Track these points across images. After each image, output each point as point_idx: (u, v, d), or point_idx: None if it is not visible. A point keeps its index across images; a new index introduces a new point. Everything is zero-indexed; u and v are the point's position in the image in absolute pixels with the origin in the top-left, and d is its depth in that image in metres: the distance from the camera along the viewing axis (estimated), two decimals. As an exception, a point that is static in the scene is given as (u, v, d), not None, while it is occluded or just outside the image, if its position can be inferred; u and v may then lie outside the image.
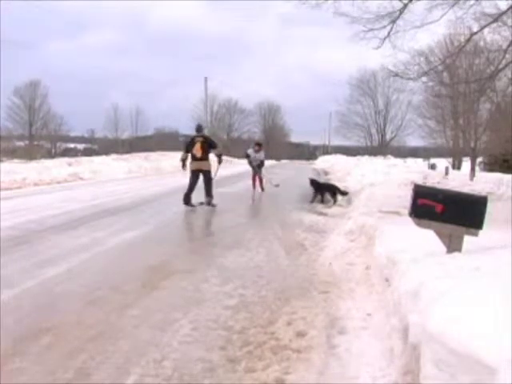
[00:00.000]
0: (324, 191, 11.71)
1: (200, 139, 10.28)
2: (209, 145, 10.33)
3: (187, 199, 9.92)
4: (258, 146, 14.02)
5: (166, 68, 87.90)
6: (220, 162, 10.62)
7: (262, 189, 13.44)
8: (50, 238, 6.51)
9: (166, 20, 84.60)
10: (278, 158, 48.13)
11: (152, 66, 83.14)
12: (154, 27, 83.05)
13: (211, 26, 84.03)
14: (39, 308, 3.97)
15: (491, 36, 11.43)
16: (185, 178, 10.51)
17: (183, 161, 10.47)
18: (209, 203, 10.01)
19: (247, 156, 13.84)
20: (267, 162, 15.73)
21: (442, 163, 30.11)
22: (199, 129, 10.78)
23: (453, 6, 9.19)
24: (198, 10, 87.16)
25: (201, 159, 10.12)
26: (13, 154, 32.13)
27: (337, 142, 58.44)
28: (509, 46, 9.45)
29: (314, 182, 12.21)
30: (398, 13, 9.35)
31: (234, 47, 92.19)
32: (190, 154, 10.26)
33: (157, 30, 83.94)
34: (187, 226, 8.31)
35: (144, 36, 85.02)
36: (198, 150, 10.13)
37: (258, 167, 13.51)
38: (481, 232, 3.79)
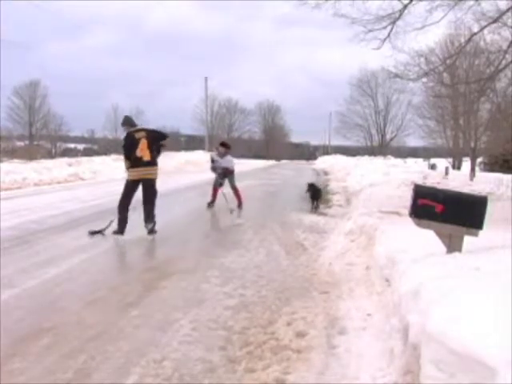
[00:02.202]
0: (317, 197, 10.50)
1: (143, 134, 6.99)
2: (156, 139, 7.15)
3: (123, 225, 6.84)
4: (223, 147, 10.30)
5: (166, 68, 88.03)
6: (159, 152, 7.22)
7: (240, 204, 10.10)
8: (50, 239, 6.51)
9: (166, 20, 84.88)
10: (278, 159, 48.27)
11: (152, 66, 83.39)
12: (154, 28, 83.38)
13: (211, 26, 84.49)
14: (39, 308, 3.97)
15: (491, 36, 11.44)
16: (184, 179, 10.05)
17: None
18: (151, 231, 6.89)
19: (212, 161, 10.33)
20: (263, 163, 15.15)
21: (442, 163, 30.13)
22: (129, 121, 7.27)
23: (453, 7, 9.19)
24: (198, 10, 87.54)
25: (149, 164, 6.94)
26: (13, 154, 32.10)
27: (337, 142, 58.58)
28: (509, 46, 9.46)
29: (311, 187, 10.61)
30: (397, 14, 9.34)
31: (234, 47, 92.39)
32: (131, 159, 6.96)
33: (156, 31, 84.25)
34: (187, 226, 8.30)
35: (143, 36, 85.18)
36: (143, 149, 6.89)
37: (223, 176, 10.09)
38: (481, 232, 3.79)
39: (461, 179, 16.41)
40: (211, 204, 10.09)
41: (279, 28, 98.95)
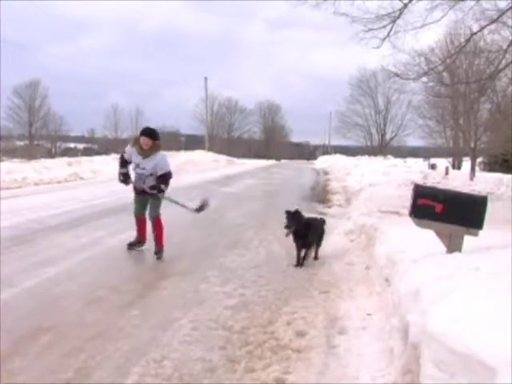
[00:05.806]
0: (311, 238, 5.64)
1: None
2: None
3: None
4: (149, 137, 5.69)
5: (166, 68, 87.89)
6: None
7: (158, 247, 5.74)
8: (50, 238, 6.50)
9: (165, 21, 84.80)
10: (277, 158, 48.18)
11: (151, 66, 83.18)
12: (153, 28, 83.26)
13: (211, 26, 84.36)
14: (39, 308, 3.97)
15: (491, 36, 11.44)
16: (185, 179, 9.58)
17: None
18: None
19: (122, 162, 5.97)
20: (263, 163, 14.85)
21: (442, 163, 30.12)
22: None
23: (453, 6, 9.19)
24: (197, 10, 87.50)
25: None
26: (13, 153, 32.08)
27: (337, 141, 58.46)
28: (509, 46, 9.45)
29: (294, 218, 5.58)
30: (398, 13, 9.33)
31: (233, 47, 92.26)
32: None
33: (156, 31, 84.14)
34: (187, 226, 8.29)
35: (143, 37, 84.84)
36: None
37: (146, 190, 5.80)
38: (481, 232, 3.79)
39: (461, 179, 16.39)
40: (138, 244, 6.01)
41: (279, 28, 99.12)
